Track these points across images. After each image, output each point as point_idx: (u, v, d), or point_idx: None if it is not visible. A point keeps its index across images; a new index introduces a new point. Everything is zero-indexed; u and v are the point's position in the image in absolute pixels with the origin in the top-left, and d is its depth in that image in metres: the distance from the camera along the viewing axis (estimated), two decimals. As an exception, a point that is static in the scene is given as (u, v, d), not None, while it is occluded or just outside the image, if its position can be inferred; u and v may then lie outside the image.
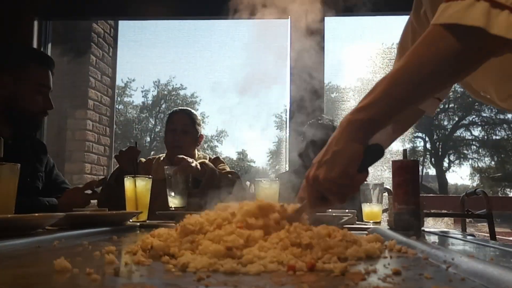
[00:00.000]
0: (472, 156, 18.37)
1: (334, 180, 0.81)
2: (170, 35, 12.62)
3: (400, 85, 0.80)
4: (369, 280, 0.55)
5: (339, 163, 0.81)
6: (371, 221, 1.80)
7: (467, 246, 0.92)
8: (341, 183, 0.81)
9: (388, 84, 0.81)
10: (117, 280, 0.55)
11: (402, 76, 0.80)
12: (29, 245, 0.85)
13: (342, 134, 0.83)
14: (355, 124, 0.82)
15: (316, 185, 0.84)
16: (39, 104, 1.93)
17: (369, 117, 0.81)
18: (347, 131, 0.82)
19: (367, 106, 0.82)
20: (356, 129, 0.82)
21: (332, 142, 0.84)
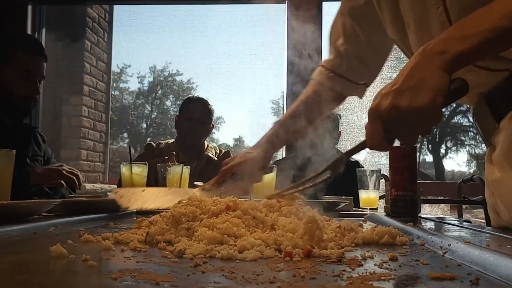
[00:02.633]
0: (469, 143, 18.44)
1: (420, 109, 0.71)
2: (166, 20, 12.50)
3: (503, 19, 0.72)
4: (365, 266, 0.55)
5: (428, 88, 0.71)
6: (368, 208, 1.81)
7: (463, 232, 0.93)
8: (425, 114, 0.71)
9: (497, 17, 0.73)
10: (113, 266, 0.55)
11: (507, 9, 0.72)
12: (25, 232, 0.84)
13: (429, 61, 0.73)
14: (448, 56, 0.73)
15: (392, 116, 0.73)
16: (24, 90, 1.92)
17: (463, 50, 0.73)
18: (438, 60, 0.73)
19: (463, 38, 0.73)
20: (449, 61, 0.73)
21: (416, 68, 0.74)
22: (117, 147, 12.73)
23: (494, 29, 0.73)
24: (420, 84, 0.72)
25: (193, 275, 0.49)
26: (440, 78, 0.72)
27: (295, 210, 0.88)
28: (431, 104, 0.71)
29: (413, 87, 0.72)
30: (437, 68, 0.72)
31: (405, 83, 0.73)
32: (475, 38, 0.73)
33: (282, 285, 0.44)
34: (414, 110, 0.71)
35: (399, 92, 0.73)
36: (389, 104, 0.73)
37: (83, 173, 4.22)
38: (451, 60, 0.73)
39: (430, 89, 0.71)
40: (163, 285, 0.43)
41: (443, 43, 0.74)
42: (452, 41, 0.74)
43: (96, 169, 4.46)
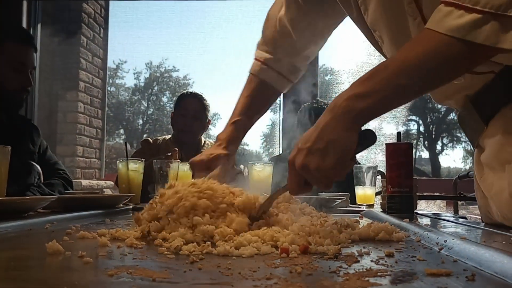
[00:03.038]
0: (465, 139, 18.47)
1: (328, 170, 0.77)
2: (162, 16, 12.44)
3: (407, 77, 0.78)
4: (362, 262, 0.55)
5: (335, 152, 0.77)
6: (364, 204, 1.82)
7: (459, 228, 0.93)
8: (333, 172, 0.78)
9: (394, 74, 0.78)
10: (109, 262, 0.54)
11: (411, 69, 0.78)
12: (21, 228, 0.84)
13: (338, 122, 0.78)
14: (353, 113, 0.78)
15: (304, 173, 0.79)
16: (16, 81, 1.88)
17: (368, 107, 0.78)
18: (344, 119, 0.78)
19: (367, 94, 0.78)
20: (354, 118, 0.78)
21: (326, 129, 0.79)
22: (114, 144, 12.70)
23: (393, 86, 0.78)
24: (328, 147, 0.77)
25: (190, 271, 0.49)
26: (347, 140, 0.78)
27: (292, 207, 0.88)
28: (338, 165, 0.78)
29: (321, 149, 0.77)
30: (344, 129, 0.78)
31: (315, 143, 0.78)
32: (377, 96, 0.78)
33: (279, 281, 0.44)
34: (322, 171, 0.77)
35: (310, 152, 0.78)
36: (301, 163, 0.79)
37: (79, 170, 4.21)
38: (357, 117, 0.78)
39: (337, 151, 0.77)
40: (159, 282, 0.43)
41: (349, 101, 0.79)
42: (356, 99, 0.79)
43: (92, 166, 4.45)
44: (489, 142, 0.95)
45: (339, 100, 0.80)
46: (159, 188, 0.93)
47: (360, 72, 4.48)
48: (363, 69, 4.27)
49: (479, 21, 0.72)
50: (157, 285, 0.42)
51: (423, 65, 0.77)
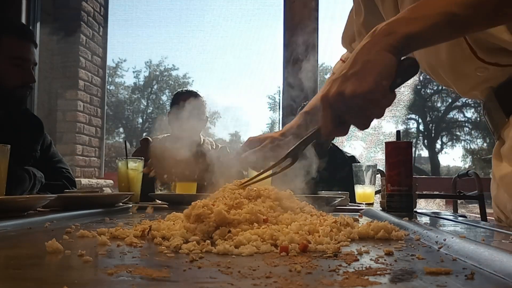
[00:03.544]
0: (464, 138, 18.52)
1: (365, 95, 0.69)
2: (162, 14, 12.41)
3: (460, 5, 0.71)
4: (361, 261, 0.55)
5: (371, 73, 0.69)
6: (363, 203, 1.82)
7: (458, 227, 0.93)
8: (371, 99, 0.70)
9: (448, 2, 0.72)
10: (109, 261, 0.54)
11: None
12: (21, 227, 0.84)
13: (375, 43, 0.72)
14: (395, 35, 0.71)
15: (339, 103, 0.71)
16: (16, 77, 1.86)
17: (412, 32, 0.71)
18: (382, 41, 0.71)
19: (413, 20, 0.72)
20: (395, 41, 0.71)
21: (362, 51, 0.72)
22: (113, 142, 12.69)
23: (444, 13, 0.71)
24: (364, 69, 0.70)
25: (189, 270, 0.49)
26: (385, 61, 0.70)
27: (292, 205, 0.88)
28: (375, 88, 0.69)
29: (357, 72, 0.70)
30: (382, 50, 0.70)
31: (351, 68, 0.72)
32: (424, 21, 0.71)
33: (278, 280, 0.44)
34: (359, 95, 0.69)
35: (345, 78, 0.71)
36: (335, 91, 0.72)
37: (79, 168, 4.20)
38: (398, 41, 0.71)
39: (373, 73, 0.69)
40: (159, 280, 0.43)
41: (392, 24, 0.73)
42: (401, 22, 0.72)
43: (91, 164, 4.45)
44: (510, 134, 0.95)
45: (380, 25, 0.74)
46: (159, 187, 0.93)
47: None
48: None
49: None
50: (156, 283, 0.42)
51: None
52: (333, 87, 0.72)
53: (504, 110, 0.96)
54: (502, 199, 1.00)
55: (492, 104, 1.00)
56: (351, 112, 0.72)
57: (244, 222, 0.74)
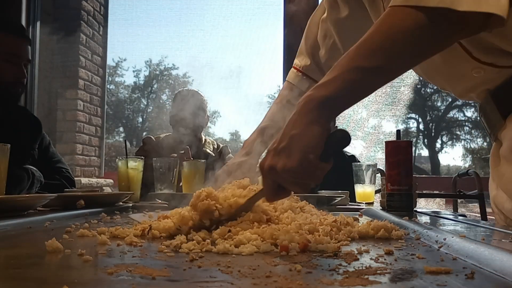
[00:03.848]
0: (464, 137, 18.52)
1: (294, 170, 0.70)
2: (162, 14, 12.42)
3: (362, 57, 0.72)
4: (361, 260, 0.55)
5: (297, 149, 0.70)
6: (363, 202, 1.82)
7: (458, 226, 0.93)
8: (301, 172, 0.70)
9: (349, 59, 0.73)
10: (109, 261, 0.54)
11: (364, 48, 0.72)
12: (21, 226, 0.84)
13: (299, 115, 0.72)
14: (313, 103, 0.71)
15: (273, 176, 0.72)
16: (9, 73, 1.85)
17: (327, 94, 0.71)
18: (305, 111, 0.72)
19: (326, 83, 0.72)
20: (314, 109, 0.71)
21: (289, 125, 0.73)
22: (113, 141, 12.69)
23: (353, 69, 0.71)
24: (291, 144, 0.70)
25: (189, 269, 0.49)
26: (309, 135, 0.70)
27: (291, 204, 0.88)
28: (303, 162, 0.69)
29: (285, 147, 0.71)
30: (307, 124, 0.71)
31: (280, 142, 0.72)
32: (337, 82, 0.71)
33: (279, 279, 0.44)
34: (289, 170, 0.70)
35: (276, 152, 0.72)
36: (268, 164, 0.72)
37: (79, 168, 4.20)
38: (319, 108, 0.71)
39: (300, 148, 0.70)
40: (159, 280, 0.43)
41: (311, 91, 0.73)
42: (318, 88, 0.72)
43: (91, 164, 4.45)
44: (507, 136, 0.95)
45: (305, 95, 0.74)
46: (159, 186, 0.93)
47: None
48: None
49: None
50: (156, 283, 0.42)
51: (380, 44, 0.71)
52: (267, 160, 0.73)
53: (500, 112, 0.96)
54: (501, 200, 1.00)
55: (489, 106, 1.00)
56: (286, 183, 0.73)
57: (247, 221, 0.74)
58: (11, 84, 1.87)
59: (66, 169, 2.11)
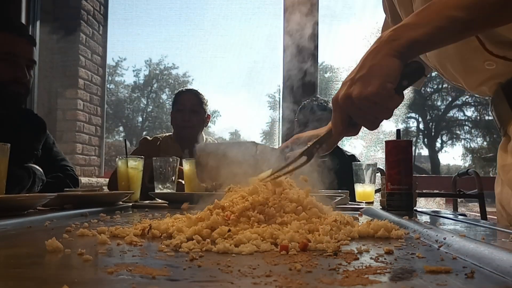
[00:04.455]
0: (464, 137, 18.51)
1: (370, 97, 0.73)
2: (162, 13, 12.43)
3: (459, 9, 0.73)
4: (361, 259, 0.55)
5: (377, 76, 0.73)
6: (363, 201, 1.82)
7: (458, 225, 0.93)
8: (377, 101, 0.73)
9: (445, 6, 0.74)
10: (109, 260, 0.54)
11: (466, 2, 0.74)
12: (21, 226, 0.84)
13: (381, 48, 0.75)
14: (399, 41, 0.74)
15: (347, 105, 0.75)
16: (8, 73, 1.82)
17: (418, 36, 0.74)
18: (388, 46, 0.75)
19: (417, 25, 0.75)
20: (400, 46, 0.74)
21: (368, 56, 0.76)
22: (113, 141, 12.69)
23: (446, 17, 0.74)
24: (370, 72, 0.74)
25: (189, 268, 0.49)
26: (389, 65, 0.74)
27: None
28: (381, 90, 0.73)
29: (364, 76, 0.74)
30: (388, 55, 0.74)
31: (358, 72, 0.76)
32: (427, 26, 0.74)
33: (278, 278, 0.44)
34: (365, 98, 0.73)
35: (353, 81, 0.76)
36: (344, 93, 0.76)
37: (79, 167, 4.20)
38: (402, 47, 0.74)
39: (379, 76, 0.73)
40: (159, 279, 0.43)
41: (397, 30, 0.76)
42: (405, 28, 0.75)
43: (91, 163, 4.45)
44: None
45: (386, 32, 0.77)
46: (159, 185, 0.93)
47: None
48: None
49: None
50: (156, 282, 0.42)
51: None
52: (342, 90, 0.76)
53: (511, 106, 0.96)
54: (506, 196, 1.00)
55: (499, 100, 1.00)
56: (359, 113, 0.75)
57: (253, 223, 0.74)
58: (9, 83, 1.83)
59: (71, 167, 2.12)
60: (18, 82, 1.86)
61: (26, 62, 1.88)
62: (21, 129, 1.90)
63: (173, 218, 0.88)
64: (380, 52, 0.75)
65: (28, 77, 1.90)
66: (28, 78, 1.89)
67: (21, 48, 1.87)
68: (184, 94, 2.68)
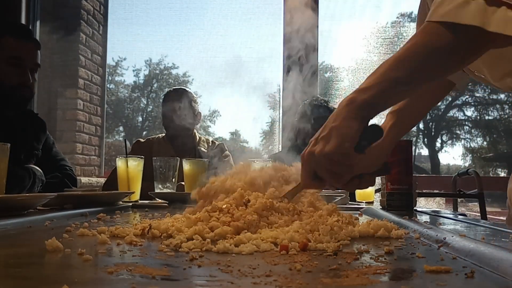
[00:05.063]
0: (464, 137, 18.47)
1: (329, 155, 0.80)
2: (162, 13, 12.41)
3: (398, 70, 0.80)
4: (361, 259, 0.55)
5: (335, 137, 0.80)
6: (363, 201, 1.82)
7: (458, 225, 0.93)
8: (335, 158, 0.80)
9: (388, 68, 0.81)
10: (109, 260, 0.54)
11: (401, 62, 0.80)
12: (21, 225, 0.84)
13: (341, 112, 0.83)
14: (354, 104, 0.81)
15: (310, 161, 0.83)
16: (13, 77, 1.83)
17: (368, 99, 0.81)
18: (347, 109, 0.82)
19: (367, 88, 0.82)
20: (355, 108, 0.81)
21: (331, 119, 0.84)
22: (113, 141, 12.67)
23: (386, 79, 0.80)
24: (330, 133, 0.81)
25: (189, 268, 0.49)
26: (348, 127, 0.80)
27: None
28: (338, 149, 0.79)
29: (325, 136, 0.82)
30: (347, 117, 0.81)
31: (321, 133, 0.84)
32: (372, 89, 0.81)
33: (278, 278, 0.44)
34: (325, 155, 0.80)
35: (316, 141, 0.84)
36: (308, 151, 0.84)
37: (79, 167, 4.20)
38: (359, 109, 0.81)
39: (337, 136, 0.80)
40: (159, 279, 0.43)
41: (355, 93, 0.83)
42: (360, 91, 0.82)
43: (91, 163, 4.45)
44: None
45: (347, 96, 0.84)
46: (159, 186, 0.94)
47: (360, 69, 4.48)
48: (363, 66, 4.26)
49: (465, 2, 0.73)
50: (156, 282, 0.42)
51: (413, 57, 0.79)
52: (307, 148, 0.85)
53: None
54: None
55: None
56: (321, 169, 0.82)
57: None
58: (15, 88, 1.85)
59: (70, 167, 2.12)
60: (23, 86, 1.87)
61: (31, 65, 1.89)
62: (23, 129, 1.90)
63: (173, 218, 0.88)
64: (341, 115, 0.82)
65: (32, 81, 1.91)
66: (32, 81, 1.90)
67: (27, 52, 1.88)
68: (172, 95, 2.66)
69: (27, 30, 2.05)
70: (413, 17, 7.04)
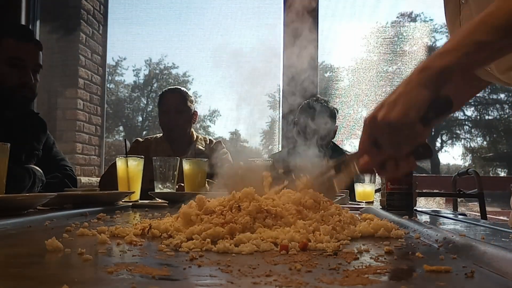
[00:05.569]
0: (464, 136, 18.47)
1: (393, 122, 0.75)
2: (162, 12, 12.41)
3: (482, 33, 0.74)
4: (361, 259, 0.55)
5: (401, 104, 0.75)
6: (363, 201, 1.82)
7: (458, 225, 0.93)
8: (398, 127, 0.75)
9: (470, 32, 0.75)
10: (109, 260, 0.54)
11: (486, 24, 0.74)
12: (21, 225, 0.84)
13: (413, 77, 0.77)
14: (428, 71, 0.76)
15: (372, 127, 0.78)
16: (13, 77, 1.83)
17: (445, 65, 0.75)
18: (419, 76, 0.76)
19: (445, 52, 0.76)
20: (428, 76, 0.75)
21: (402, 84, 0.78)
22: (113, 141, 12.67)
23: (473, 42, 0.74)
24: (397, 99, 0.76)
25: (189, 268, 0.49)
26: (417, 95, 0.75)
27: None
28: (403, 118, 0.74)
29: (391, 101, 0.77)
30: (417, 85, 0.76)
31: (388, 97, 0.78)
32: (453, 54, 0.75)
33: (278, 278, 0.44)
34: (387, 121, 0.75)
35: (381, 105, 0.78)
36: (371, 115, 0.79)
37: (79, 167, 4.20)
38: (432, 76, 0.75)
39: (404, 104, 0.75)
40: (159, 279, 0.43)
41: (428, 59, 0.78)
42: (435, 57, 0.77)
43: (91, 163, 4.45)
44: None
45: (421, 62, 0.79)
46: (159, 185, 0.94)
47: (359, 69, 4.48)
48: (362, 65, 4.26)
49: None
50: (156, 282, 0.42)
51: (501, 18, 0.73)
52: (371, 113, 0.80)
53: None
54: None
55: None
56: (382, 136, 0.78)
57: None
58: (16, 88, 1.85)
59: (70, 167, 2.12)
60: (25, 87, 1.88)
61: (32, 66, 1.90)
62: (24, 129, 1.91)
63: (173, 218, 0.88)
64: (412, 81, 0.77)
65: (34, 81, 1.91)
66: (34, 82, 1.91)
67: (28, 53, 1.89)
68: (167, 95, 2.65)
69: (27, 31, 2.06)
70: (413, 17, 7.03)
